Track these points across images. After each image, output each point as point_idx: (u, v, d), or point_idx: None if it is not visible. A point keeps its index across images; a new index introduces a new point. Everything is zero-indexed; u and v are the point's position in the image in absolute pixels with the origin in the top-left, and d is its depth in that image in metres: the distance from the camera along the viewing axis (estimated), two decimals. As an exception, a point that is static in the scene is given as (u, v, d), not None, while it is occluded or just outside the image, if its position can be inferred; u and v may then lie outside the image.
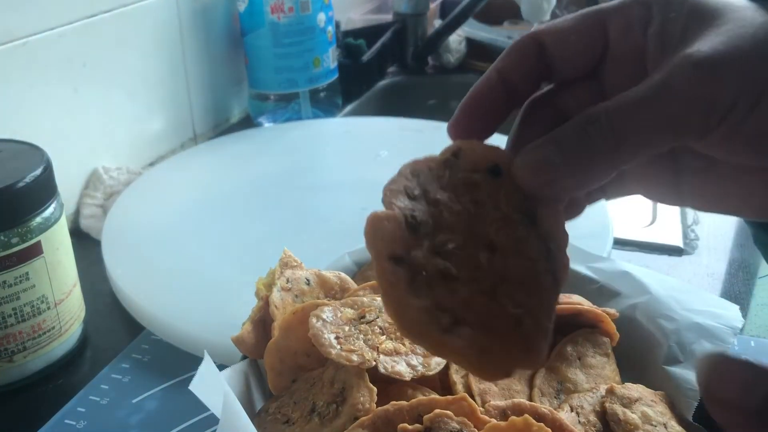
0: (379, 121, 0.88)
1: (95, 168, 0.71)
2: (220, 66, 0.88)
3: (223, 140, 0.83)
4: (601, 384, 0.36)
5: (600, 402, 0.35)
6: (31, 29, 0.62)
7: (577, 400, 0.35)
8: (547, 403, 0.35)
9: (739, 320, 0.39)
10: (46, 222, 0.46)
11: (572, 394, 0.35)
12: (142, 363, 0.50)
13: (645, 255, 0.62)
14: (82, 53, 0.68)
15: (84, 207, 0.69)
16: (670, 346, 0.38)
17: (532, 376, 0.37)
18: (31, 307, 0.47)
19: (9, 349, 0.47)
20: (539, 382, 0.36)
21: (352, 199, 0.67)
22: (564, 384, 0.37)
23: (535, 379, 0.36)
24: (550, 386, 0.36)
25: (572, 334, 0.39)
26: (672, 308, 0.40)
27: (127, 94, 0.75)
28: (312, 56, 0.85)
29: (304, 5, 0.82)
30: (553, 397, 0.36)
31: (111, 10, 0.70)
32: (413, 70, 1.12)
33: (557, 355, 0.38)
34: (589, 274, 0.44)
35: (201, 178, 0.74)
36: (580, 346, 0.38)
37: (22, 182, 0.45)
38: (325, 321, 0.35)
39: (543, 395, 0.36)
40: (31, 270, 0.46)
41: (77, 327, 0.51)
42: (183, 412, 0.45)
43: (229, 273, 0.57)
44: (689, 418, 0.35)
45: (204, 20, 0.84)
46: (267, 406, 0.36)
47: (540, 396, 0.36)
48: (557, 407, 0.35)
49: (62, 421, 0.45)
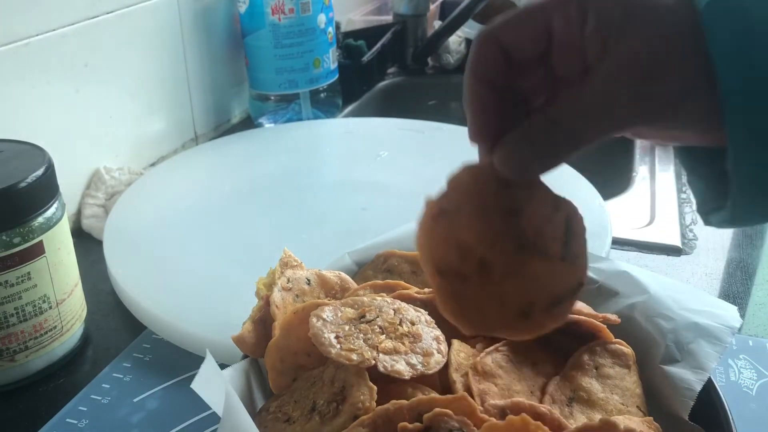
0: (379, 121, 0.89)
1: (97, 168, 0.71)
2: (221, 67, 0.89)
3: (224, 141, 0.83)
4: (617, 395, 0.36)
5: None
6: (33, 30, 0.62)
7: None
8: (558, 410, 0.35)
9: (737, 320, 0.39)
10: (47, 222, 0.47)
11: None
12: (144, 362, 0.50)
13: (643, 255, 0.62)
14: (84, 54, 0.68)
15: (85, 207, 0.69)
16: (668, 345, 0.38)
17: (545, 383, 0.37)
18: (33, 306, 0.47)
19: (11, 349, 0.47)
20: (552, 389, 0.36)
21: (352, 199, 0.67)
22: (577, 392, 0.36)
23: (548, 385, 0.36)
24: (562, 394, 0.36)
25: (591, 344, 0.38)
26: (670, 308, 0.40)
27: (128, 95, 0.75)
28: (312, 57, 0.85)
29: (305, 6, 0.82)
30: (565, 404, 0.35)
31: (113, 11, 0.71)
32: (413, 71, 1.12)
33: (573, 364, 0.37)
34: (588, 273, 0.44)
35: (202, 178, 0.74)
36: (599, 356, 0.38)
37: (24, 182, 0.45)
38: (325, 321, 0.35)
39: (554, 402, 0.35)
40: (33, 270, 0.46)
41: (79, 326, 0.52)
42: (184, 411, 0.45)
43: (230, 273, 0.57)
44: (685, 417, 0.36)
45: (205, 21, 0.84)
46: (268, 405, 0.36)
47: (551, 403, 0.35)
48: (568, 415, 0.35)
49: (64, 420, 0.45)
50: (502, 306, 0.31)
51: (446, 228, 0.31)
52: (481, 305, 0.31)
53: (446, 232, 0.31)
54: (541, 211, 0.32)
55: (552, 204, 0.32)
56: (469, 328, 0.32)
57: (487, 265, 0.31)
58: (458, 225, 0.31)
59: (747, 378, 0.48)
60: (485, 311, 0.31)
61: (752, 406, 0.45)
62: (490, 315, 0.31)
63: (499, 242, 0.31)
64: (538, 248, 0.31)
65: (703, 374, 0.37)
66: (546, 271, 0.31)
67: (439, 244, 0.31)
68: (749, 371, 0.48)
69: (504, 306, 0.31)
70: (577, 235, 0.32)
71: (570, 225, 0.32)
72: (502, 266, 0.31)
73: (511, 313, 0.31)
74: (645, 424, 0.35)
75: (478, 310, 0.31)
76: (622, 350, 0.38)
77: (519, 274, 0.31)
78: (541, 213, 0.32)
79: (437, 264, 0.31)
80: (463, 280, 0.31)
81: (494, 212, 0.31)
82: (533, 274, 0.31)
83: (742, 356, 0.50)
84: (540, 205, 0.32)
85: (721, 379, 0.47)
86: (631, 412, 0.36)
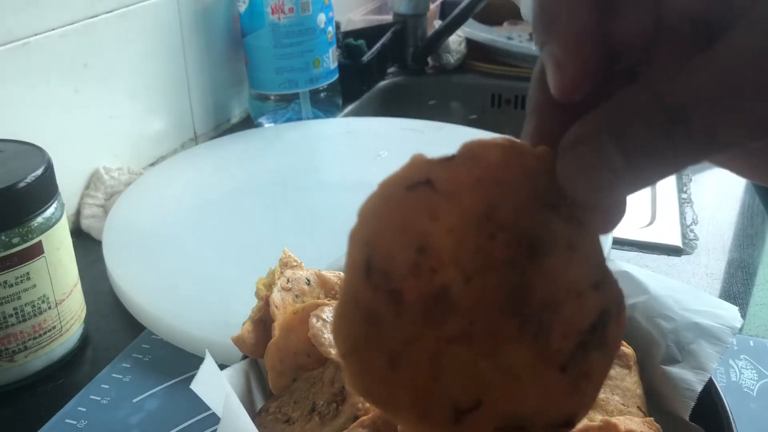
0: (379, 121, 0.88)
1: (96, 168, 0.71)
2: (221, 66, 0.89)
3: (224, 140, 0.83)
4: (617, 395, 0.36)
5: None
6: (32, 29, 0.62)
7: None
8: None
9: (738, 320, 0.39)
10: (47, 222, 0.47)
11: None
12: (143, 362, 0.50)
13: (644, 255, 0.62)
14: (83, 53, 0.68)
15: (85, 207, 0.69)
16: (669, 345, 0.38)
17: None
18: (32, 306, 0.47)
19: (10, 349, 0.47)
20: None
21: (352, 199, 0.67)
22: None
23: None
24: None
25: None
26: (671, 308, 0.40)
27: (128, 95, 0.75)
28: (312, 57, 0.85)
29: (305, 6, 0.82)
30: None
31: (112, 11, 0.70)
32: (413, 71, 1.12)
33: None
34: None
35: (201, 178, 0.74)
36: None
37: (23, 182, 0.45)
38: (325, 321, 0.35)
39: None
40: (32, 270, 0.46)
41: (78, 327, 0.51)
42: (184, 411, 0.45)
43: (230, 273, 0.57)
44: (686, 418, 0.36)
45: (205, 21, 0.84)
46: (267, 406, 0.36)
47: None
48: None
49: (63, 420, 0.45)
50: (433, 379, 0.19)
51: (420, 210, 0.20)
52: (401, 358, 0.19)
53: (416, 217, 0.20)
54: (573, 276, 0.20)
55: (595, 273, 0.20)
56: (361, 390, 0.20)
57: (447, 297, 0.19)
58: (441, 217, 0.20)
59: (748, 378, 0.48)
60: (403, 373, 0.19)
61: (753, 407, 0.45)
62: (404, 383, 0.19)
63: (486, 280, 0.19)
64: (534, 330, 0.19)
65: (704, 375, 0.36)
66: (527, 370, 0.19)
67: (396, 227, 0.20)
68: (750, 371, 0.48)
69: (437, 381, 0.19)
70: (604, 345, 0.21)
71: (603, 324, 0.20)
72: (466, 314, 0.19)
73: (439, 401, 0.19)
74: (646, 425, 0.35)
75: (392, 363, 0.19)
76: (623, 350, 0.38)
77: (485, 348, 0.19)
78: (571, 278, 0.20)
79: (374, 252, 0.20)
80: (396, 301, 0.19)
81: (506, 232, 0.19)
82: (505, 364, 0.19)
83: (743, 356, 0.50)
84: (575, 266, 0.20)
85: (722, 380, 0.47)
86: (631, 413, 0.36)
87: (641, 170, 0.19)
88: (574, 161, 0.19)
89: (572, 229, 0.20)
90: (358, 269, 0.21)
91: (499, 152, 0.20)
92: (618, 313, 0.21)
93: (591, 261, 0.20)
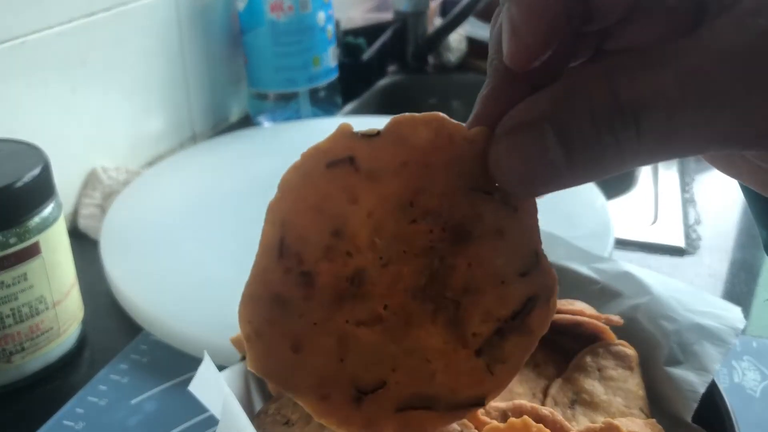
0: (379, 120, 0.88)
1: (94, 168, 0.71)
2: (219, 65, 0.88)
3: (223, 140, 0.83)
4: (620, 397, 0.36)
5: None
6: (29, 28, 0.62)
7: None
8: (560, 412, 0.34)
9: (741, 321, 0.39)
10: (44, 222, 0.46)
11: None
12: (141, 364, 0.50)
13: (646, 255, 0.61)
14: (81, 52, 0.67)
15: (82, 207, 0.68)
16: (671, 347, 0.38)
17: (547, 385, 0.36)
18: (29, 307, 0.47)
19: (7, 350, 0.46)
20: (554, 391, 0.36)
21: (351, 199, 0.67)
22: (580, 395, 0.36)
23: (550, 387, 0.36)
24: (565, 396, 0.36)
25: (593, 345, 0.38)
26: (673, 309, 0.40)
27: (125, 94, 0.74)
28: (311, 55, 0.85)
29: (304, 4, 0.82)
30: (567, 407, 0.35)
31: (110, 9, 0.70)
32: (413, 69, 1.12)
33: (575, 365, 0.37)
34: (591, 274, 0.43)
35: (200, 177, 0.73)
36: (601, 357, 0.37)
37: (20, 182, 0.44)
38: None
39: (556, 404, 0.35)
40: (29, 270, 0.46)
41: (75, 327, 0.51)
42: (182, 413, 0.45)
43: (229, 273, 0.56)
44: (688, 419, 0.35)
45: (203, 19, 0.84)
46: (266, 408, 0.36)
47: (553, 405, 0.35)
48: (571, 417, 0.34)
49: (60, 422, 0.45)
50: (339, 361, 0.20)
51: (339, 191, 0.20)
52: (307, 341, 0.20)
53: (334, 198, 0.20)
54: (499, 263, 0.20)
55: (524, 259, 0.20)
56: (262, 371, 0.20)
57: (361, 281, 0.20)
58: (361, 200, 0.19)
59: (751, 380, 0.47)
60: (307, 355, 0.20)
61: (756, 408, 0.45)
62: (307, 364, 0.20)
63: (402, 266, 0.19)
64: (450, 315, 0.20)
65: (707, 376, 0.36)
66: (437, 354, 0.20)
67: (313, 207, 0.20)
68: (753, 373, 0.48)
69: (342, 363, 0.20)
70: (526, 331, 0.20)
71: (527, 312, 0.20)
72: (379, 299, 0.19)
73: (342, 382, 0.20)
74: (648, 427, 0.34)
75: (296, 346, 0.20)
76: (625, 352, 0.38)
77: (395, 331, 0.20)
78: (496, 265, 0.20)
79: (289, 233, 0.20)
80: (307, 284, 0.20)
81: (429, 218, 0.19)
82: (415, 346, 0.20)
83: (745, 358, 0.49)
84: (502, 253, 0.20)
85: (725, 381, 0.47)
86: (634, 415, 0.35)
87: (582, 168, 0.17)
88: (511, 149, 0.18)
89: (503, 215, 0.19)
90: (271, 248, 0.21)
91: (427, 133, 0.20)
92: (547, 299, 0.20)
93: (521, 248, 0.20)
